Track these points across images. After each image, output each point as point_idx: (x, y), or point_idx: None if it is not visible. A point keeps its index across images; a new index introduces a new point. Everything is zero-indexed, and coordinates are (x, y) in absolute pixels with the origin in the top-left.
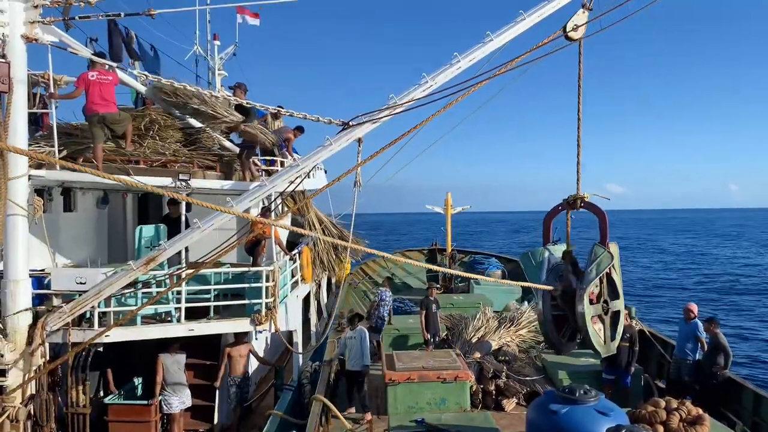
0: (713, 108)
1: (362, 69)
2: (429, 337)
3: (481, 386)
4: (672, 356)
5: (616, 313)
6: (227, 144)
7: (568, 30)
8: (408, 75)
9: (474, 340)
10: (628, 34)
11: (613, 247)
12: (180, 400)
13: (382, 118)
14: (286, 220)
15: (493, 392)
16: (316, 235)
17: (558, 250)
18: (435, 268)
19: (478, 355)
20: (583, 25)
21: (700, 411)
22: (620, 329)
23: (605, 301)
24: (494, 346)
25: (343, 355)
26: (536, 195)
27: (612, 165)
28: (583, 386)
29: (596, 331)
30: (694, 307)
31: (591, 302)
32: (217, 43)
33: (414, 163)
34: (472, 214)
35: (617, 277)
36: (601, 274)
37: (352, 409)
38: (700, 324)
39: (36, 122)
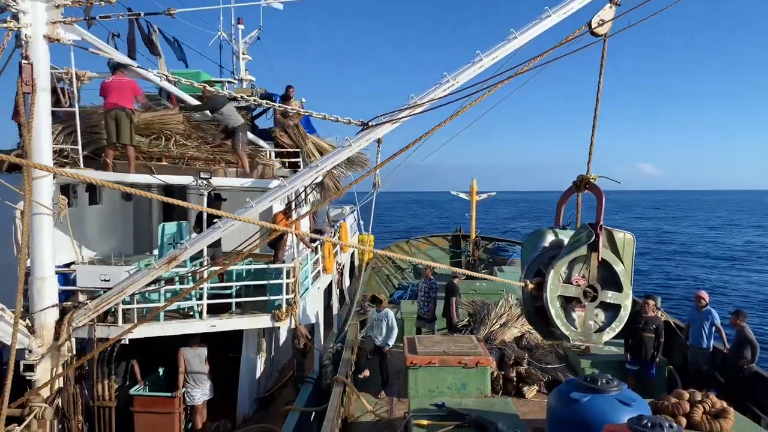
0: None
1: (389, 62)
2: (457, 321)
3: (502, 373)
4: (687, 346)
5: (615, 307)
6: (251, 136)
7: (593, 26)
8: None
9: (496, 327)
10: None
11: (627, 237)
12: (202, 392)
13: (402, 118)
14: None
15: (514, 379)
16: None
17: (567, 234)
18: (456, 269)
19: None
20: (609, 20)
21: (725, 404)
22: (617, 325)
23: (591, 287)
24: (516, 333)
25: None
26: (562, 174)
27: (648, 145)
28: (605, 375)
29: (576, 316)
30: (705, 295)
31: (576, 285)
32: (241, 27)
33: (438, 144)
34: (501, 194)
35: (624, 269)
36: (574, 253)
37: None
38: (713, 311)
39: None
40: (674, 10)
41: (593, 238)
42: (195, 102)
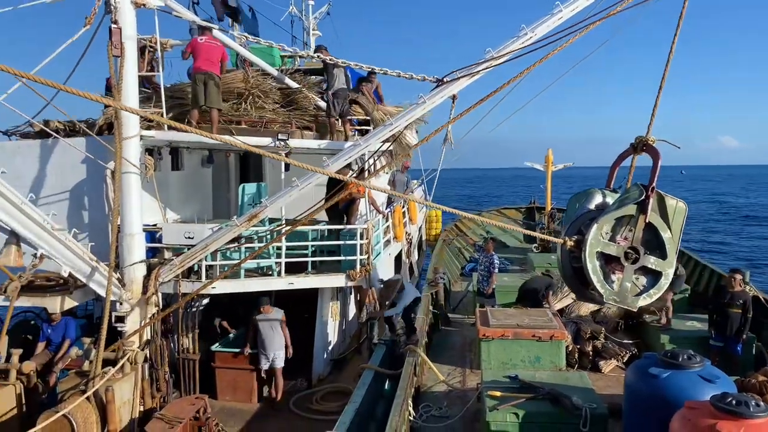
0: None
1: (457, 27)
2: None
3: (578, 347)
4: None
5: (656, 274)
6: (322, 104)
7: None
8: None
9: (571, 300)
10: None
11: (680, 206)
12: (267, 360)
13: (479, 71)
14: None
15: (590, 353)
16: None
17: (616, 197)
18: (527, 232)
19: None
20: None
21: None
22: (654, 293)
23: (634, 248)
24: (592, 307)
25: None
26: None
27: (730, 117)
28: (687, 351)
29: (615, 278)
30: None
31: (617, 244)
32: (311, 2)
33: (515, 118)
34: (577, 170)
35: (671, 237)
36: (621, 210)
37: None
38: None
39: (144, 84)
40: None
41: (643, 197)
42: (271, 69)
